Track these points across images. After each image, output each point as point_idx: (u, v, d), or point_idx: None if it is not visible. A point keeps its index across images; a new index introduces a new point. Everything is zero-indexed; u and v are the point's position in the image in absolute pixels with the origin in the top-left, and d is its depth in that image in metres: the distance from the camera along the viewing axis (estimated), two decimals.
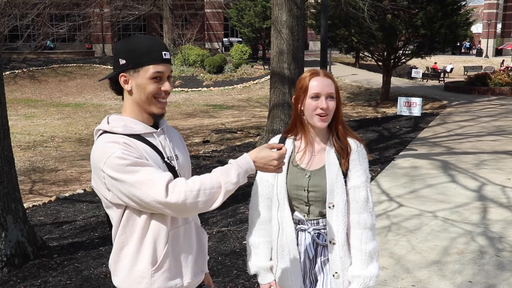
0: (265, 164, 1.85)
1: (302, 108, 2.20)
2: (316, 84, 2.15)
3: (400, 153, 9.79)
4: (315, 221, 2.23)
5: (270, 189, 2.30)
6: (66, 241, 5.59)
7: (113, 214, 1.89)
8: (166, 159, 1.92)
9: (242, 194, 6.96)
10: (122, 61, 1.87)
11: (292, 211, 2.26)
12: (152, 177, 1.74)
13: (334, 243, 2.18)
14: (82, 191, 8.19)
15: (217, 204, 1.79)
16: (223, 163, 9.21)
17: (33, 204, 7.46)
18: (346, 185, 2.18)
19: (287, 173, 2.24)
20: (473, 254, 4.81)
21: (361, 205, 2.18)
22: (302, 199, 2.22)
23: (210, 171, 1.84)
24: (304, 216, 2.24)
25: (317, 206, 2.22)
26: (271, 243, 2.34)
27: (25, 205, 6.63)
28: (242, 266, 4.62)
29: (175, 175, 1.92)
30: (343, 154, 2.18)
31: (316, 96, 2.15)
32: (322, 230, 2.22)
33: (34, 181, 9.67)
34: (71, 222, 6.39)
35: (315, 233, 2.23)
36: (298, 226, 2.25)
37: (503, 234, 5.32)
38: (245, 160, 1.84)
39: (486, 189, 7.10)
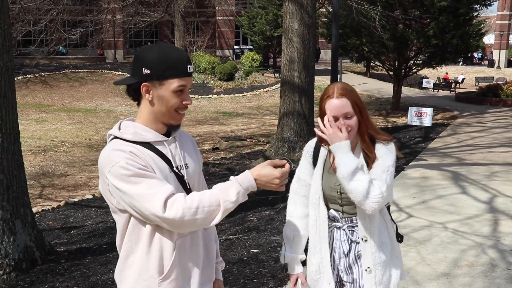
0: (267, 182, 1.84)
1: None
2: (331, 109, 2.26)
3: (410, 163, 9.72)
4: (349, 219, 2.39)
5: (307, 188, 2.49)
6: (74, 246, 5.59)
7: (119, 219, 1.88)
8: (175, 168, 1.90)
9: (251, 202, 6.93)
10: (146, 71, 1.83)
11: (328, 209, 2.42)
12: (152, 191, 1.74)
13: (366, 240, 2.34)
14: (91, 197, 8.21)
15: (215, 221, 1.79)
16: (232, 170, 9.20)
17: (42, 208, 7.48)
18: None
19: (322, 176, 2.42)
20: (484, 267, 4.74)
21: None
22: (336, 200, 2.40)
23: (219, 178, 1.83)
24: (339, 214, 2.41)
25: (350, 206, 2.37)
26: (305, 237, 2.50)
27: (34, 210, 6.66)
28: (250, 275, 4.59)
29: (184, 184, 1.91)
30: (369, 160, 2.32)
31: (335, 119, 2.26)
32: (356, 228, 2.37)
33: (44, 186, 9.71)
34: (79, 227, 6.40)
35: (349, 230, 2.39)
36: (334, 223, 2.41)
37: None
38: (246, 177, 1.82)
39: (497, 201, 7.03)
